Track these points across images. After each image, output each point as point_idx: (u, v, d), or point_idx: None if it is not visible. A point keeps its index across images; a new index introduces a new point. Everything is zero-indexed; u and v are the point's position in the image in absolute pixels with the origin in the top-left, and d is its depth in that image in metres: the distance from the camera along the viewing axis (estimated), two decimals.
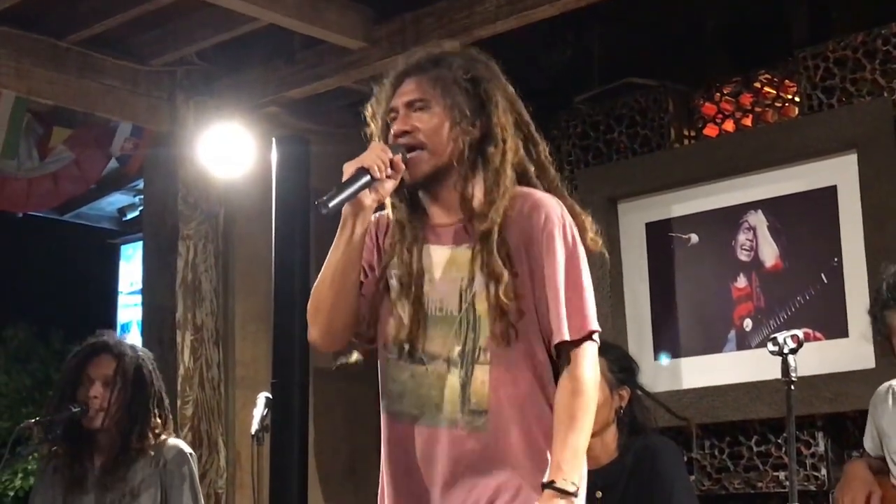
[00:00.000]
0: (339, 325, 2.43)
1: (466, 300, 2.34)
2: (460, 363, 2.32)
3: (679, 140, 4.76)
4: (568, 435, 2.28)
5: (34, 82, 5.03)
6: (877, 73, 4.23)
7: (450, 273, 2.37)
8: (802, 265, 4.36)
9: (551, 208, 2.41)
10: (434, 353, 2.35)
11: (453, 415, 2.31)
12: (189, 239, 5.35)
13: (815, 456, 4.18)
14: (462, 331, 2.33)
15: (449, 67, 2.42)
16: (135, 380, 3.83)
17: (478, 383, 2.31)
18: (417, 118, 2.38)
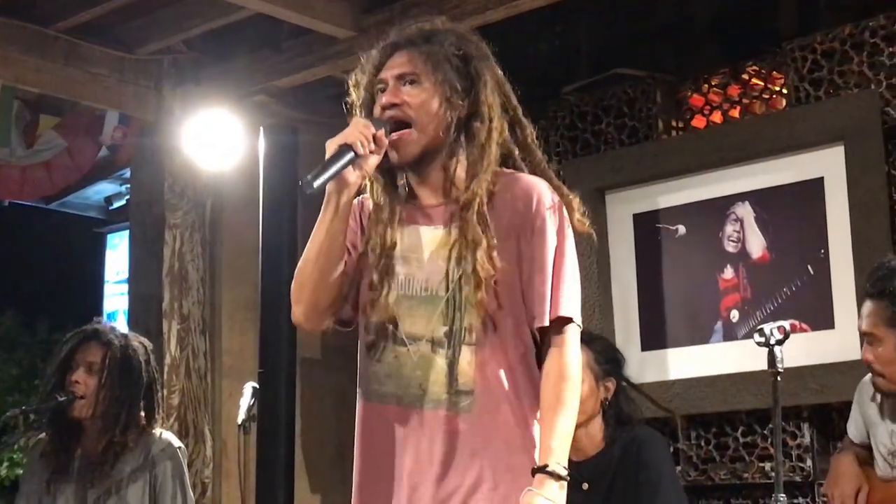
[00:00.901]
0: (324, 303, 2.39)
1: (453, 280, 2.31)
2: (447, 343, 2.30)
3: (667, 131, 4.76)
4: (556, 419, 2.27)
5: (20, 70, 5.02)
6: (864, 66, 4.23)
7: (438, 253, 2.35)
8: (789, 257, 4.37)
9: (543, 192, 2.41)
10: (417, 334, 2.32)
11: (439, 396, 2.29)
12: (176, 228, 5.34)
13: (801, 447, 4.19)
14: (449, 311, 2.30)
15: (441, 44, 2.40)
16: (122, 369, 3.81)
17: (464, 363, 2.28)
18: (407, 92, 2.36)
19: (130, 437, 3.78)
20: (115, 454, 3.79)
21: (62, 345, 3.92)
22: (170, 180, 5.36)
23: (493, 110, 2.41)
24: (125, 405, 3.78)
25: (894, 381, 3.22)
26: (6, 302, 7.60)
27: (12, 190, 5.49)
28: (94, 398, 3.75)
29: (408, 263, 2.36)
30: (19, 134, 5.24)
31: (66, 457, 3.86)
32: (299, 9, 4.67)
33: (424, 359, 2.31)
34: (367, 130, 2.28)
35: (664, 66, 4.81)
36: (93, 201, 7.46)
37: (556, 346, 2.33)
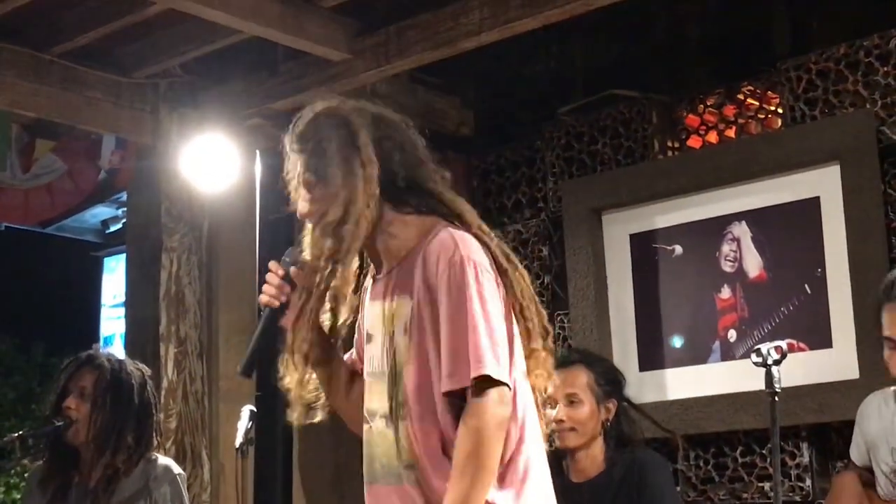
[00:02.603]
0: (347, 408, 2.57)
1: (388, 355, 2.36)
2: (391, 418, 2.35)
3: (662, 151, 4.76)
4: (454, 486, 2.21)
5: (17, 95, 5.02)
6: (859, 85, 4.24)
7: (378, 329, 2.40)
8: (786, 276, 4.37)
9: (441, 250, 2.32)
10: (373, 410, 2.39)
11: (396, 470, 2.33)
12: (173, 251, 5.33)
13: (800, 467, 4.18)
14: (388, 386, 2.36)
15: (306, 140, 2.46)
16: (113, 393, 3.79)
17: (403, 437, 2.32)
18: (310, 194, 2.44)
19: (124, 461, 3.76)
20: (111, 480, 3.77)
21: (60, 372, 3.92)
22: (166, 203, 5.35)
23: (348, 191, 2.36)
24: (116, 429, 3.76)
25: None
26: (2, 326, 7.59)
27: (16, 213, 5.49)
28: (86, 423, 3.74)
29: (369, 340, 2.44)
30: (17, 158, 5.24)
31: (63, 483, 3.85)
32: (294, 32, 4.67)
33: (381, 435, 2.37)
34: (273, 283, 2.45)
35: (659, 87, 4.81)
36: (89, 225, 7.46)
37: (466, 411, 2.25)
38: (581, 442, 3.80)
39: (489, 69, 4.88)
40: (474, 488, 2.20)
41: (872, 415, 3.42)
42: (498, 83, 5.09)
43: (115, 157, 5.53)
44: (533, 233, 4.98)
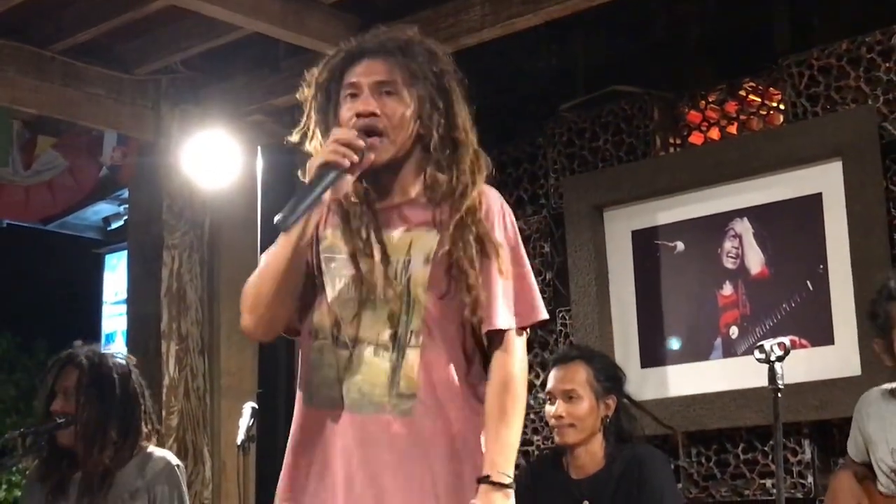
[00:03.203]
0: (282, 317, 2.34)
1: (401, 283, 2.27)
2: (391, 346, 2.25)
3: (664, 148, 4.76)
4: (500, 429, 2.24)
5: (18, 91, 5.03)
6: (861, 81, 4.24)
7: (384, 255, 2.29)
8: (788, 272, 4.37)
9: (492, 200, 2.39)
10: (360, 337, 2.27)
11: (381, 399, 2.23)
12: (174, 248, 5.34)
13: (802, 463, 4.18)
14: (394, 314, 2.26)
15: (416, 57, 2.34)
16: (96, 389, 3.80)
17: (407, 367, 2.24)
18: (384, 102, 2.29)
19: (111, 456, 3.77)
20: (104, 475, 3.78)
21: (45, 373, 3.93)
22: (168, 200, 5.37)
23: (466, 125, 2.37)
24: (100, 425, 3.77)
25: None
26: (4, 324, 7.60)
27: (17, 210, 5.51)
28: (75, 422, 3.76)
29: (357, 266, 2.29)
30: (19, 154, 5.25)
31: (61, 481, 3.86)
32: (295, 28, 4.68)
33: (366, 363, 2.25)
34: (357, 141, 2.22)
35: (661, 83, 4.81)
36: (91, 222, 7.47)
37: (503, 354, 2.30)
38: (580, 438, 3.80)
39: (490, 65, 4.88)
40: (515, 430, 2.25)
41: (872, 413, 3.42)
42: (499, 79, 5.09)
43: (116, 154, 5.54)
44: (535, 229, 4.98)
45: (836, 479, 3.53)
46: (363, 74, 2.32)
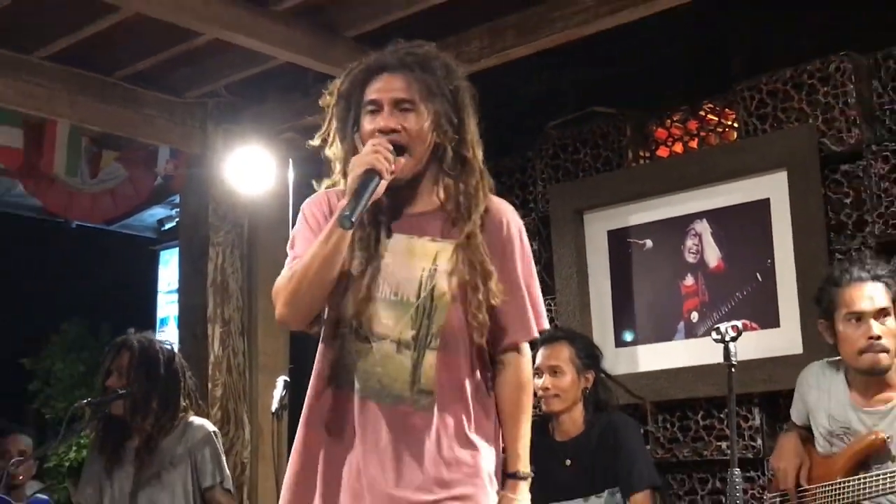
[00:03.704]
0: (317, 310, 2.22)
1: (426, 289, 2.15)
2: (413, 346, 2.14)
3: (635, 160, 4.77)
4: (520, 427, 2.21)
5: (85, 112, 5.05)
6: (803, 103, 4.24)
7: (409, 261, 2.18)
8: (740, 266, 4.37)
9: (510, 214, 2.31)
10: (382, 333, 2.15)
11: (402, 393, 2.13)
12: (218, 245, 5.36)
13: (752, 428, 4.19)
14: (417, 316, 2.14)
15: (434, 72, 2.21)
16: (145, 369, 3.85)
17: (427, 366, 2.13)
18: (404, 118, 2.17)
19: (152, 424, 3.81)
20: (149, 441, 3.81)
21: (104, 355, 3.98)
22: (213, 205, 5.38)
23: (474, 141, 2.27)
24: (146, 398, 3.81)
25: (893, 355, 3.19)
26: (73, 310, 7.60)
27: (85, 213, 5.53)
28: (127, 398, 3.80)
29: (382, 268, 2.17)
30: (86, 165, 5.28)
31: (118, 447, 3.89)
32: (322, 58, 4.69)
33: (387, 357, 2.14)
34: (389, 154, 2.10)
35: (633, 105, 4.82)
36: (147, 223, 7.49)
37: (518, 359, 2.25)
38: (564, 407, 3.82)
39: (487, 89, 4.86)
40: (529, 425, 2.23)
41: (812, 384, 3.43)
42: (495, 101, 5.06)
43: (169, 166, 5.55)
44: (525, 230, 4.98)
45: (782, 440, 3.54)
46: (384, 91, 2.19)
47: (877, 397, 3.24)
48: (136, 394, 3.81)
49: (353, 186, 2.09)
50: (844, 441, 3.27)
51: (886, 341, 3.16)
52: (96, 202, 5.39)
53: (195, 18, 4.39)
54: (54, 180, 5.17)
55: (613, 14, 4.21)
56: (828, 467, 3.29)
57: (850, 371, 3.30)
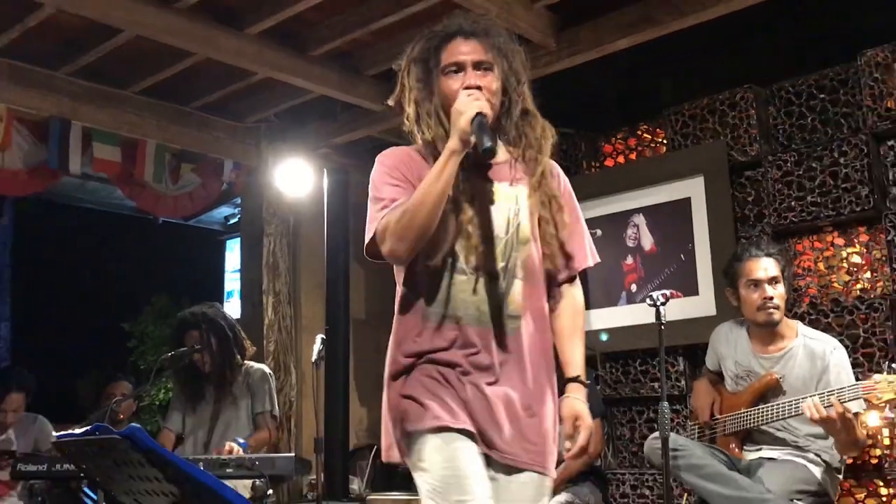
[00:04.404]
0: (424, 240, 1.86)
1: (513, 226, 1.92)
2: (503, 276, 1.90)
3: (589, 168, 4.78)
4: (579, 343, 2.03)
5: (168, 134, 5.05)
6: (717, 124, 4.25)
7: (496, 203, 1.93)
8: (668, 249, 4.39)
9: (560, 171, 2.10)
10: (478, 265, 1.89)
11: (496, 318, 1.88)
12: (270, 236, 5.37)
13: (678, 373, 4.22)
14: (506, 250, 1.91)
15: (499, 36, 1.98)
16: (218, 336, 3.87)
17: (515, 293, 1.90)
18: (483, 77, 1.92)
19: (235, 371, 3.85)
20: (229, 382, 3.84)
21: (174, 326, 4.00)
22: (266, 205, 5.39)
23: (532, 100, 2.02)
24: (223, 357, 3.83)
25: (782, 314, 3.21)
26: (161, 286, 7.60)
27: (168, 211, 5.55)
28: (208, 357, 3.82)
29: (471, 208, 1.90)
30: (169, 174, 5.28)
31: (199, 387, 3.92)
32: (349, 92, 4.69)
33: (483, 286, 1.88)
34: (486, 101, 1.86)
35: (587, 126, 4.82)
36: (216, 219, 7.49)
37: (575, 286, 2.04)
38: None
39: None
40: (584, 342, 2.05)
41: (722, 339, 3.44)
42: None
43: (232, 175, 5.54)
44: None
45: (698, 382, 3.56)
46: (464, 53, 1.93)
47: (772, 346, 3.26)
48: (212, 348, 3.83)
49: (468, 128, 1.82)
50: (747, 381, 3.29)
51: (777, 301, 3.19)
52: (177, 202, 5.38)
53: (251, 62, 4.40)
54: (145, 186, 5.17)
55: (571, 57, 4.22)
56: (734, 402, 3.31)
57: (751, 326, 3.31)
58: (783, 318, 3.26)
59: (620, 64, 4.54)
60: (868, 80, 3.73)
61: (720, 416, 3.33)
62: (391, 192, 1.92)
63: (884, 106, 3.69)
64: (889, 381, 2.81)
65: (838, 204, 3.76)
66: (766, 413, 3.16)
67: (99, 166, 4.94)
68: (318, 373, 3.55)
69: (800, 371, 3.16)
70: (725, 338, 3.41)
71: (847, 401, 2.90)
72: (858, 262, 3.80)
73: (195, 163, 5.46)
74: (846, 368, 3.13)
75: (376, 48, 4.54)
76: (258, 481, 2.99)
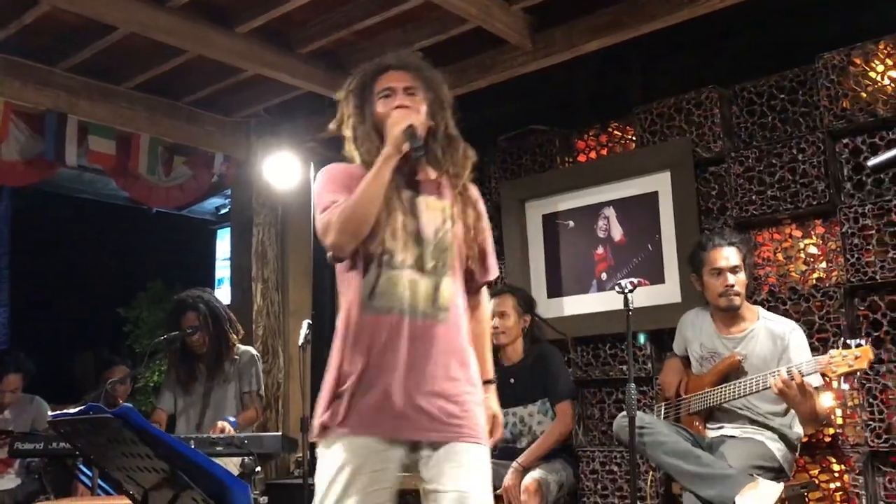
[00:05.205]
0: (363, 234, 2.00)
1: (441, 232, 2.05)
2: (433, 274, 2.02)
3: (563, 164, 4.77)
4: (488, 347, 2.18)
5: (161, 128, 5.00)
6: (682, 122, 4.26)
7: (426, 211, 2.06)
8: (637, 240, 4.40)
9: (474, 187, 2.21)
10: (406, 263, 2.01)
11: (426, 309, 2.00)
12: (259, 225, 5.33)
13: (644, 355, 4.23)
14: (436, 251, 2.03)
15: (425, 71, 2.15)
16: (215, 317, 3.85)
17: (444, 288, 2.02)
18: (411, 99, 2.09)
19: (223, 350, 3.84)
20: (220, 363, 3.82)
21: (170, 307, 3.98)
22: (255, 196, 5.34)
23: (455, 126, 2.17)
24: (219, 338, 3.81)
25: (743, 300, 3.24)
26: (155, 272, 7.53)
27: (161, 201, 5.50)
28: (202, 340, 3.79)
29: (404, 215, 2.04)
30: (161, 167, 5.23)
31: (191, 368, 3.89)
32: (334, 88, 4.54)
33: (413, 282, 2.01)
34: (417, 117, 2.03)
35: (561, 124, 4.82)
36: (207, 209, 7.43)
37: (484, 294, 2.20)
38: (508, 341, 3.84)
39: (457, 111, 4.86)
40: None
41: (688, 324, 3.47)
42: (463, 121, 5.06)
43: (223, 167, 5.50)
44: None
45: (666, 364, 3.58)
46: (395, 80, 2.10)
47: (734, 328, 3.29)
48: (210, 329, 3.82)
49: (402, 136, 1.99)
50: (711, 362, 3.31)
51: (738, 288, 3.22)
52: (169, 194, 5.34)
53: (241, 59, 4.36)
54: (138, 178, 5.12)
55: (546, 57, 4.22)
56: (699, 382, 3.33)
57: (715, 310, 3.34)
58: (744, 302, 3.29)
59: (592, 65, 4.54)
60: (825, 81, 3.75)
61: (685, 396, 3.35)
62: (333, 197, 2.05)
63: (839, 106, 3.71)
64: (843, 355, 2.87)
65: (796, 198, 3.79)
66: (728, 391, 3.19)
67: (94, 158, 4.88)
68: (304, 356, 3.53)
69: (761, 351, 3.19)
70: (692, 323, 3.43)
71: (805, 376, 2.94)
72: (815, 252, 3.83)
73: (187, 156, 5.41)
74: (805, 348, 3.16)
75: (360, 47, 4.52)
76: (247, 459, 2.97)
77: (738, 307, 3.25)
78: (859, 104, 3.66)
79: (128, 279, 7.60)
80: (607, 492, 3.94)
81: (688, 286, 3.84)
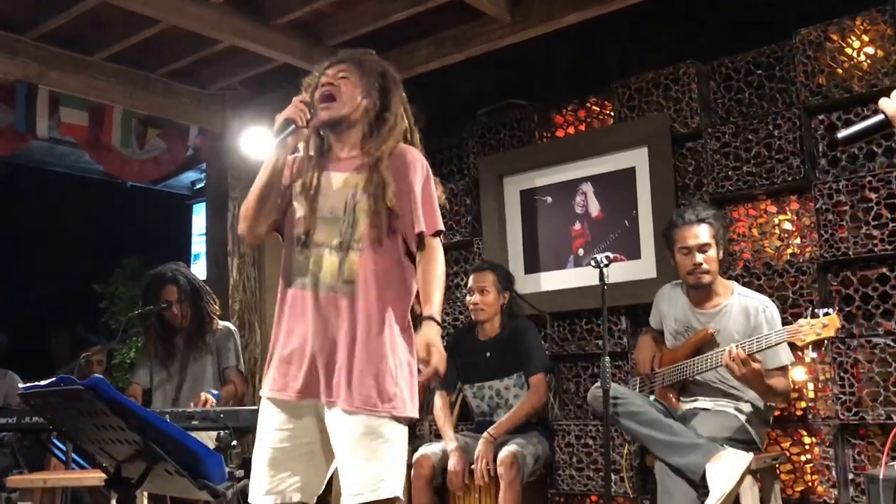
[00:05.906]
0: (263, 224, 2.27)
1: (350, 207, 2.19)
2: (339, 248, 2.17)
3: (540, 139, 4.77)
4: (429, 288, 2.18)
5: (135, 100, 4.93)
6: (660, 98, 4.26)
7: (342, 189, 2.22)
8: (614, 215, 4.41)
9: (413, 152, 2.29)
10: (320, 241, 2.19)
11: (332, 282, 2.15)
12: (235, 199, 5.29)
13: (620, 330, 4.25)
14: (344, 227, 2.18)
15: (365, 64, 2.33)
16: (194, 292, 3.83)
17: (351, 262, 2.16)
18: (341, 82, 2.28)
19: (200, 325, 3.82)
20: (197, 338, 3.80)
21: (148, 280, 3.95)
22: (230, 170, 5.31)
23: (397, 111, 2.31)
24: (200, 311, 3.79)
25: (714, 276, 3.27)
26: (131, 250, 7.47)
27: (135, 175, 5.46)
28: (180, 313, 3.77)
29: (321, 195, 2.23)
30: (135, 139, 5.17)
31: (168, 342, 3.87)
32: (310, 61, 4.57)
33: (322, 258, 2.18)
34: (304, 110, 2.23)
35: (539, 98, 4.81)
36: (183, 183, 7.36)
37: (428, 248, 2.21)
38: (487, 316, 3.86)
39: (433, 87, 4.84)
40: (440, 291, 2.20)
41: (664, 299, 3.50)
42: (441, 95, 5.05)
43: (198, 140, 5.45)
44: (461, 189, 4.97)
45: (641, 339, 3.61)
46: (332, 74, 2.32)
47: (708, 303, 3.32)
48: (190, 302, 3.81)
49: (278, 127, 2.24)
50: (685, 336, 3.34)
51: (706, 266, 3.24)
52: (143, 167, 5.29)
53: (215, 30, 4.30)
54: (112, 150, 5.06)
55: (524, 30, 4.20)
56: (673, 355, 3.36)
57: (688, 286, 3.36)
58: (718, 278, 3.31)
59: (571, 39, 4.52)
60: (801, 57, 3.76)
61: (659, 370, 3.39)
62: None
63: (815, 82, 3.73)
64: (811, 324, 2.92)
65: (772, 174, 3.81)
66: (700, 364, 3.22)
67: (66, 130, 4.81)
68: None
69: (734, 326, 3.23)
70: (668, 297, 3.46)
71: (774, 344, 2.99)
72: (789, 228, 3.86)
73: (161, 128, 5.35)
74: (777, 323, 3.20)
75: (337, 18, 4.47)
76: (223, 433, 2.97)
77: (706, 285, 3.28)
78: (835, 80, 3.68)
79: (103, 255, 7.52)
80: (582, 465, 3.98)
81: (663, 262, 3.86)
